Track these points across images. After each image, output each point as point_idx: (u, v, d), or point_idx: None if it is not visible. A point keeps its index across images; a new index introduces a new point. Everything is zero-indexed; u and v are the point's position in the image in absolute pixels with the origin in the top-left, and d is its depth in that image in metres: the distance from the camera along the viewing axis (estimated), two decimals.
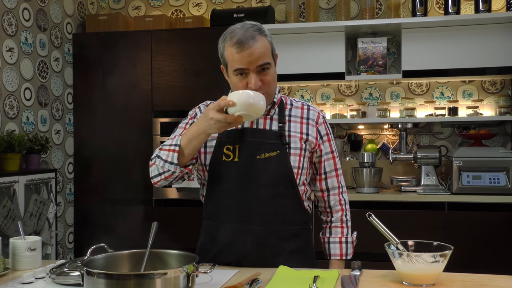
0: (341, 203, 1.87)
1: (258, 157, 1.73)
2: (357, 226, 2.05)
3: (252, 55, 1.65)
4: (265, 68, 1.69)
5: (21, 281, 1.55)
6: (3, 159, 3.25)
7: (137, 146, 4.04)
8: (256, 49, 1.66)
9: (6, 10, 3.47)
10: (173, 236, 3.41)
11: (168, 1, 4.52)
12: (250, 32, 1.68)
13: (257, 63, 1.66)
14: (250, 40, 1.66)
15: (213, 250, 1.79)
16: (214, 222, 1.79)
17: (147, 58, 4.04)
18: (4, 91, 3.45)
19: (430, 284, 1.45)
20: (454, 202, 3.48)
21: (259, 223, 1.72)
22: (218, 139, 1.78)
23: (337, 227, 1.86)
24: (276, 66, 1.78)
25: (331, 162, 1.84)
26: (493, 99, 3.95)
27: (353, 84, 4.19)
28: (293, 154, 1.75)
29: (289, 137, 1.76)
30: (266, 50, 1.69)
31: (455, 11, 3.77)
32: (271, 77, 1.71)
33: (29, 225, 3.29)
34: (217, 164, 1.76)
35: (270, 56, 1.71)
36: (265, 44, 1.70)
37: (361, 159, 3.81)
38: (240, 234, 1.74)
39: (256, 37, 1.68)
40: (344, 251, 1.84)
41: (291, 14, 4.10)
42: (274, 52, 1.76)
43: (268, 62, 1.69)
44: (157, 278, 1.22)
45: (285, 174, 1.74)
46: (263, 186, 1.72)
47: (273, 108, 1.80)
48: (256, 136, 1.76)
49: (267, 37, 1.72)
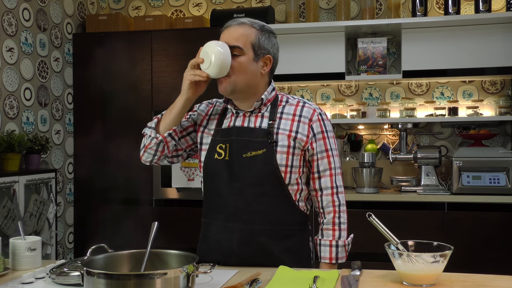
0: (334, 204, 1.79)
1: (245, 156, 1.73)
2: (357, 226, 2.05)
3: (228, 35, 1.74)
4: (236, 53, 1.71)
5: (21, 281, 1.55)
6: (3, 159, 3.25)
7: (137, 146, 4.02)
8: (233, 31, 1.74)
9: (6, 10, 3.47)
10: (173, 236, 3.42)
11: (168, 1, 4.52)
12: (241, 20, 1.76)
13: (229, 43, 1.71)
14: (233, 22, 1.75)
15: (203, 247, 1.82)
16: (206, 219, 1.82)
17: (147, 58, 4.04)
18: (4, 91, 3.45)
19: (430, 284, 1.45)
20: (454, 202, 3.48)
21: (244, 222, 1.72)
22: (213, 137, 1.80)
23: (328, 229, 1.79)
24: (264, 68, 1.77)
25: (325, 161, 1.78)
26: (493, 99, 3.95)
27: (353, 84, 4.19)
28: (280, 152, 1.73)
29: (277, 135, 1.75)
30: (243, 36, 1.72)
31: (455, 11, 3.77)
32: (238, 63, 1.71)
33: (29, 225, 3.29)
34: (210, 162, 1.79)
35: (248, 45, 1.72)
36: (247, 32, 1.73)
37: (361, 159, 3.80)
38: (226, 232, 1.75)
39: (242, 24, 1.75)
40: (334, 255, 1.77)
41: (291, 14, 4.10)
42: (260, 50, 1.74)
43: (239, 46, 1.71)
44: (157, 278, 1.22)
45: (271, 172, 1.72)
46: (248, 184, 1.72)
47: (264, 106, 1.80)
48: (244, 134, 1.76)
49: (256, 31, 1.74)
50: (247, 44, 1.72)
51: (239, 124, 1.79)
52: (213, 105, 1.91)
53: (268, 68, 1.79)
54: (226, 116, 1.83)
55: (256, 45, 1.74)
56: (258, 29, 1.75)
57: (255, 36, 1.74)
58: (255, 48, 1.74)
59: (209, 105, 1.91)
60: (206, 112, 1.89)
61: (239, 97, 1.78)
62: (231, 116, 1.82)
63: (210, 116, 1.87)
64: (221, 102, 1.89)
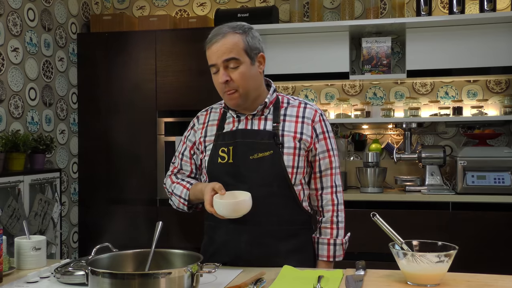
0: (333, 203, 1.82)
1: (251, 157, 1.73)
2: (361, 226, 2.05)
3: (218, 50, 1.70)
4: (233, 65, 1.70)
5: (26, 281, 1.55)
6: (8, 158, 3.26)
7: (141, 146, 4.04)
8: (222, 45, 1.70)
9: (11, 10, 3.48)
10: (178, 236, 3.42)
11: (172, 1, 4.53)
12: (222, 29, 1.73)
13: (222, 58, 1.70)
14: (217, 36, 1.72)
15: (209, 250, 1.82)
16: (212, 222, 1.81)
17: (151, 58, 4.04)
18: (9, 91, 3.46)
19: (435, 284, 1.45)
20: (459, 202, 3.47)
21: (253, 223, 1.72)
22: (214, 142, 1.81)
23: (326, 228, 1.82)
24: (260, 67, 1.78)
25: (326, 161, 1.81)
26: (497, 98, 3.94)
27: (357, 84, 4.18)
28: (287, 153, 1.74)
29: (283, 137, 1.76)
30: (234, 47, 1.70)
31: (460, 10, 3.76)
32: (239, 74, 1.71)
33: (34, 224, 3.30)
34: (213, 166, 1.79)
35: (241, 52, 1.71)
36: (235, 41, 1.71)
37: (365, 159, 3.80)
38: (234, 234, 1.75)
39: (226, 34, 1.72)
40: (331, 253, 1.80)
41: (295, 14, 4.10)
42: (253, 51, 1.74)
43: (235, 57, 1.70)
44: (162, 278, 1.22)
45: (279, 174, 1.73)
46: (256, 186, 1.71)
47: (267, 108, 1.80)
48: (250, 136, 1.76)
49: (241, 35, 1.72)
50: (240, 52, 1.71)
51: (243, 127, 1.79)
52: (208, 111, 1.92)
53: (263, 66, 1.80)
54: (227, 121, 1.83)
55: (248, 49, 1.73)
56: (242, 33, 1.73)
57: (243, 40, 1.72)
58: (248, 52, 1.73)
59: (204, 113, 1.92)
60: (203, 121, 1.89)
61: (247, 104, 1.78)
62: (232, 121, 1.82)
63: (208, 123, 1.87)
64: (216, 107, 1.90)
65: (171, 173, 1.96)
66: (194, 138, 1.90)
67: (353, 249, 2.18)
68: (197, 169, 1.93)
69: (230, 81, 1.71)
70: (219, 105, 1.89)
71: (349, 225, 1.88)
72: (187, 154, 1.92)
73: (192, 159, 1.91)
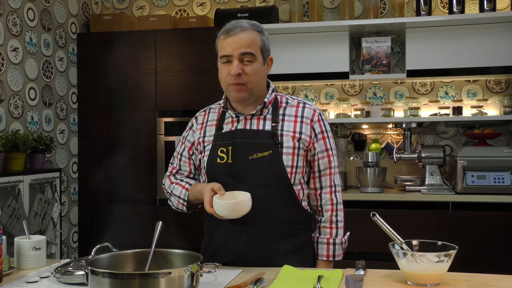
0: (332, 202, 1.82)
1: (251, 157, 1.73)
2: (361, 226, 2.05)
3: (236, 42, 1.70)
4: (249, 59, 1.70)
5: (26, 280, 1.55)
6: (8, 158, 3.26)
7: (141, 146, 4.04)
8: (242, 38, 1.71)
9: (11, 10, 3.48)
10: (177, 236, 3.41)
11: (172, 1, 4.53)
12: (242, 23, 1.73)
13: (240, 50, 1.70)
14: (237, 28, 1.72)
15: (209, 250, 1.82)
16: (211, 222, 1.81)
17: (151, 57, 4.04)
18: (9, 90, 3.46)
19: (435, 284, 1.45)
20: (459, 202, 3.47)
21: (252, 223, 1.72)
22: (213, 142, 1.81)
23: (325, 227, 1.82)
24: (268, 68, 1.80)
25: (325, 161, 1.81)
26: (497, 98, 3.94)
27: (357, 84, 4.19)
28: (286, 153, 1.74)
29: (282, 137, 1.76)
30: (253, 42, 1.72)
31: (460, 10, 3.76)
32: (252, 70, 1.71)
33: (33, 224, 3.30)
34: (212, 166, 1.79)
35: (258, 50, 1.73)
36: (254, 37, 1.72)
37: (365, 158, 3.80)
38: (234, 234, 1.75)
39: (246, 28, 1.72)
40: (331, 253, 1.80)
41: (295, 14, 4.10)
42: (266, 52, 1.77)
43: (252, 53, 1.71)
44: (162, 278, 1.22)
45: (278, 173, 1.73)
46: (255, 186, 1.71)
47: (266, 108, 1.81)
48: (249, 136, 1.76)
49: (260, 34, 1.74)
50: (257, 49, 1.73)
51: (242, 127, 1.79)
52: (206, 112, 1.92)
53: (270, 68, 1.81)
54: (225, 121, 1.83)
55: (263, 48, 1.75)
56: (259, 31, 1.75)
57: (260, 39, 1.74)
58: (263, 52, 1.75)
59: (202, 113, 1.93)
60: (201, 122, 1.89)
61: (250, 101, 1.78)
62: (231, 121, 1.82)
63: (207, 124, 1.88)
64: (215, 107, 1.90)
65: (170, 173, 1.97)
66: (193, 139, 1.90)
67: (353, 249, 2.18)
68: (196, 170, 1.93)
69: (242, 74, 1.71)
70: (218, 105, 1.89)
71: (349, 225, 1.88)
72: (185, 154, 1.92)
73: (190, 159, 1.91)
